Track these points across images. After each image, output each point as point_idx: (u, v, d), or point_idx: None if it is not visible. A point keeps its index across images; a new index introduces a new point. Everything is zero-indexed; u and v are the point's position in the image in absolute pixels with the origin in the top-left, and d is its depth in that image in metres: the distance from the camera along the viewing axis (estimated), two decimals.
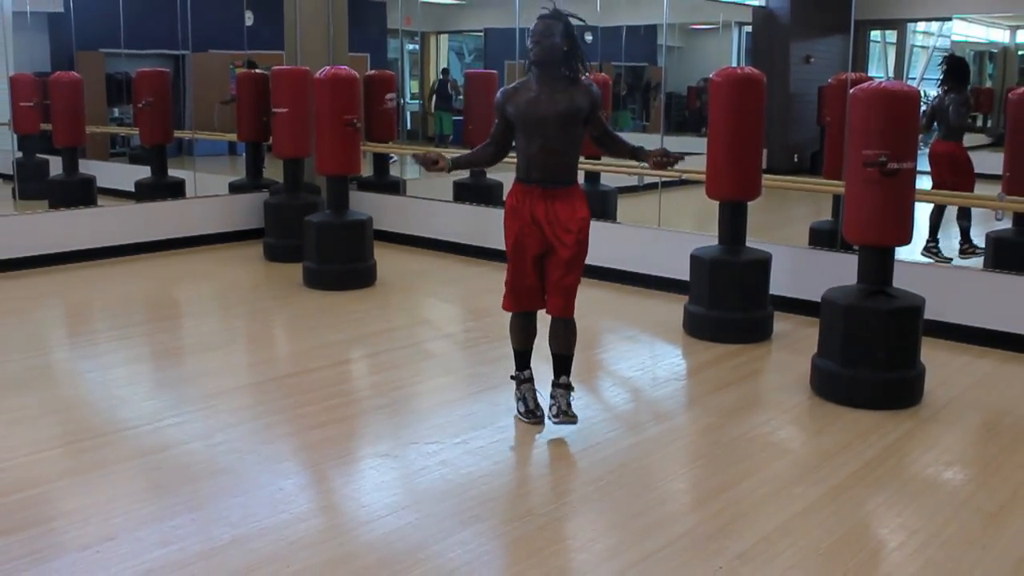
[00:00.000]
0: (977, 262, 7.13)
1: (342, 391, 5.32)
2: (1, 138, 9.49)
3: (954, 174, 7.52)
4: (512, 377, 4.65)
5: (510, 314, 4.55)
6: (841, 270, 5.83)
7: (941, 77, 7.86)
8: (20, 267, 7.87)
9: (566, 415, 4.45)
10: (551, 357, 4.53)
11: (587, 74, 4.37)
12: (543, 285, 4.39)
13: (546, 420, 4.52)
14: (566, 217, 4.28)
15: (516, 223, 4.34)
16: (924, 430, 4.64)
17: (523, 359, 4.60)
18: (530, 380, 4.60)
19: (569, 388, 4.52)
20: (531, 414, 4.53)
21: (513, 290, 4.44)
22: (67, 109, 9.17)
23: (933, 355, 5.36)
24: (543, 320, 4.52)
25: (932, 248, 7.72)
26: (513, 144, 4.45)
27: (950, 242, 7.79)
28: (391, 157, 10.13)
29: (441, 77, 13.69)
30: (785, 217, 9.17)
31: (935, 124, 7.84)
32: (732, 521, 3.65)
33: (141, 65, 9.85)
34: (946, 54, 8.86)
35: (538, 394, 4.59)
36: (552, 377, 4.53)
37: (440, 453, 4.25)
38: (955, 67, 7.87)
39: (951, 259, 7.57)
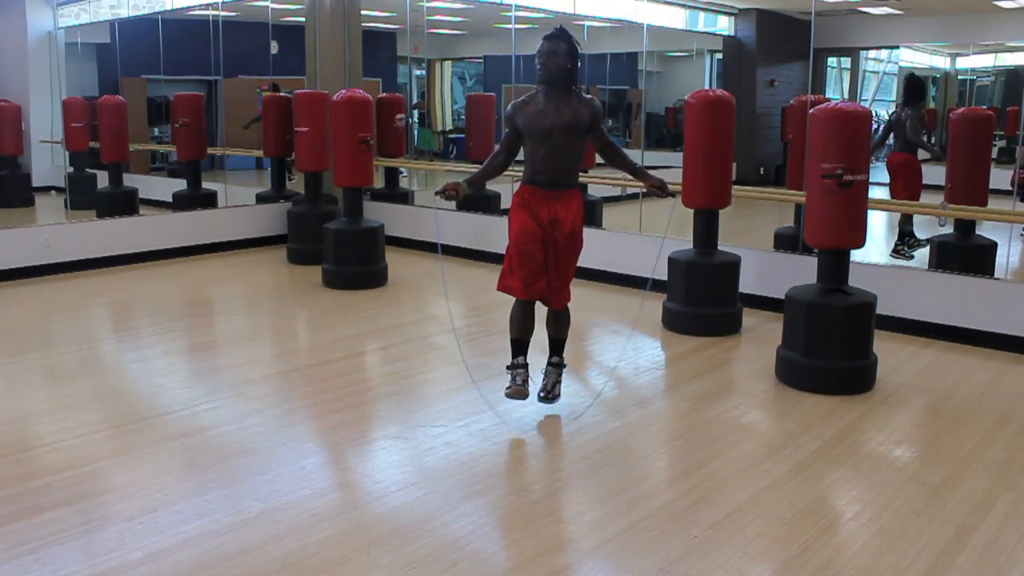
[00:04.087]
0: (923, 263, 7.13)
1: (357, 380, 5.31)
2: (55, 155, 9.49)
3: (908, 181, 7.51)
4: (507, 367, 4.50)
5: (511, 306, 4.46)
6: (802, 271, 5.83)
7: (903, 93, 7.79)
8: (72, 270, 7.87)
9: (550, 394, 4.52)
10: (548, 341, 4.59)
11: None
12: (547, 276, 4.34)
13: (531, 396, 4.50)
14: (563, 218, 4.30)
15: (520, 215, 4.32)
16: (876, 413, 4.64)
17: (519, 348, 4.48)
18: (523, 366, 4.46)
19: (559, 366, 4.57)
20: (515, 391, 4.39)
21: (521, 277, 4.28)
22: (113, 129, 9.17)
23: (884, 346, 5.37)
24: (540, 314, 4.51)
25: (911, 244, 7.68)
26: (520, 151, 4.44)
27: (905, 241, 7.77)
28: (402, 172, 10.11)
29: (419, 100, 13.67)
30: (752, 223, 9.17)
31: (890, 137, 7.81)
32: (706, 495, 3.64)
33: (178, 89, 9.84)
34: (907, 74, 8.82)
35: (528, 381, 4.46)
36: (547, 357, 4.58)
37: (445, 435, 4.25)
38: (913, 85, 7.84)
39: (913, 256, 7.55)
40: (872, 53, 10.91)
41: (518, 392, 4.41)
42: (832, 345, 4.86)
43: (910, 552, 3.19)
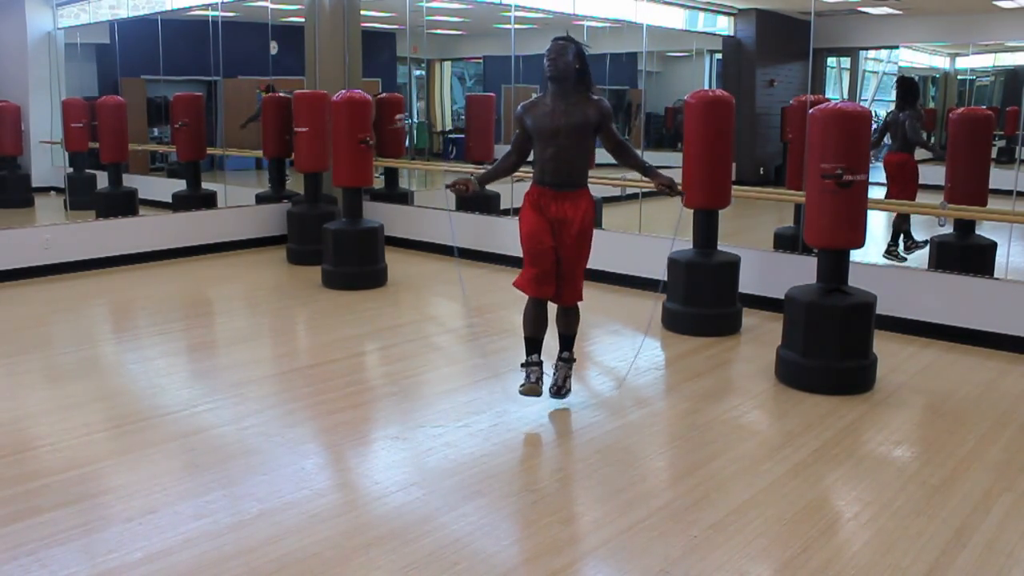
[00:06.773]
0: (923, 263, 7.12)
1: (357, 380, 5.31)
2: (54, 155, 9.49)
3: (905, 182, 7.51)
4: (521, 365, 4.58)
5: (524, 304, 4.53)
6: (802, 270, 5.83)
7: (896, 95, 7.80)
8: (71, 270, 7.87)
9: (561, 389, 4.61)
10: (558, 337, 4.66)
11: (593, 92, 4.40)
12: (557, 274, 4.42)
13: (544, 394, 4.59)
14: (572, 217, 4.34)
15: (530, 215, 4.38)
16: (876, 413, 4.64)
17: (532, 346, 4.55)
18: (536, 364, 4.54)
19: (568, 361, 4.64)
20: (529, 388, 4.48)
21: (533, 275, 4.38)
22: (112, 129, 9.16)
23: (884, 346, 5.36)
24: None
25: (909, 245, 7.69)
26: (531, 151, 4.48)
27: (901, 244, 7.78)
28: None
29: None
30: (752, 223, 9.17)
31: (887, 138, 7.81)
32: (706, 495, 3.64)
33: (178, 90, 9.84)
34: (898, 75, 8.83)
35: (542, 379, 4.53)
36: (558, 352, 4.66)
37: (445, 435, 4.24)
38: (907, 87, 7.83)
39: (906, 258, 7.56)
40: (872, 53, 10.91)
41: (532, 390, 4.49)
42: (832, 345, 4.86)
43: (910, 552, 3.19)
